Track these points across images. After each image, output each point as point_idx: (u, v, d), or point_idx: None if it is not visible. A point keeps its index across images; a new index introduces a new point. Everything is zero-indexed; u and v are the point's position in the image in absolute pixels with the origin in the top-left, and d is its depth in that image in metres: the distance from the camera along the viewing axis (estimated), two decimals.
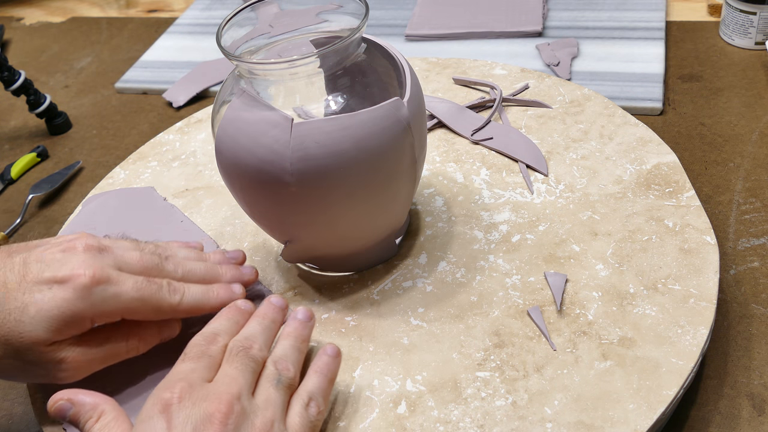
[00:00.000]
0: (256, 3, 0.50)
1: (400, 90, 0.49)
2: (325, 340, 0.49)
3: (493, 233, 0.55)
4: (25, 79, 0.78)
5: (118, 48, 0.97)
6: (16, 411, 0.54)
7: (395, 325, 0.49)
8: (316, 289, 0.53)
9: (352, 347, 0.48)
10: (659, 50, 0.77)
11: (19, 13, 1.11)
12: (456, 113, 0.65)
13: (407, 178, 0.49)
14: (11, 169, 0.76)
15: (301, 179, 0.45)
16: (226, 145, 0.46)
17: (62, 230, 0.61)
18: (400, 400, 0.45)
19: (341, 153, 0.44)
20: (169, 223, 0.60)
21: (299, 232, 0.49)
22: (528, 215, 0.56)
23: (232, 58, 0.46)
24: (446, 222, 0.56)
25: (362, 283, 0.53)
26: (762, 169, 0.62)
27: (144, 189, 0.64)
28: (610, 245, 0.52)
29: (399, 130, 0.46)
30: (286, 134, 0.44)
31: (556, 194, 0.57)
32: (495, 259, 0.53)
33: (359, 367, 0.47)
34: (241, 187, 0.47)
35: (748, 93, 0.71)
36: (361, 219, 0.48)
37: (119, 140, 0.79)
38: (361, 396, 0.46)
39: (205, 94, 0.83)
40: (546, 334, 0.47)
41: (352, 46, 0.47)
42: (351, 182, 0.45)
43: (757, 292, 0.53)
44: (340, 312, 0.51)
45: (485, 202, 0.57)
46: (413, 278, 0.52)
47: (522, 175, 0.59)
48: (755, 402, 0.46)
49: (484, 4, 0.87)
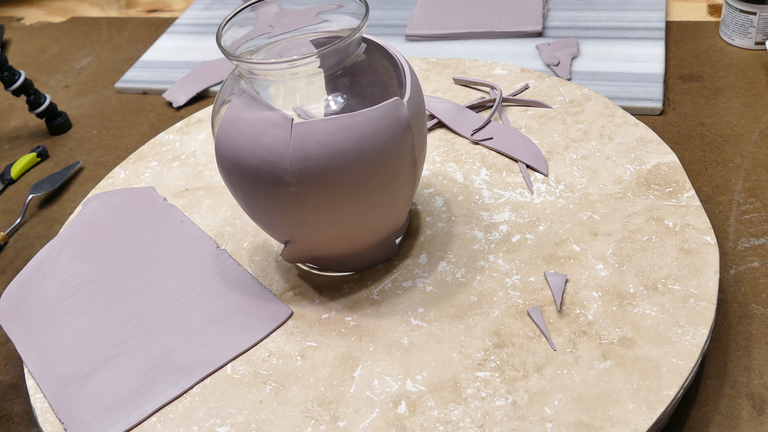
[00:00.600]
0: (256, 3, 0.50)
1: (400, 90, 0.49)
2: (326, 340, 0.49)
3: (493, 233, 0.55)
4: (25, 79, 0.79)
5: (118, 48, 0.97)
6: (16, 411, 0.54)
7: (395, 325, 0.49)
8: (316, 289, 0.53)
9: (352, 347, 0.48)
10: (659, 50, 0.77)
11: (19, 13, 1.11)
12: (456, 113, 0.65)
13: (407, 178, 0.49)
14: (11, 169, 0.76)
15: (301, 179, 0.45)
16: (226, 145, 0.46)
17: (62, 230, 0.61)
18: (400, 400, 0.45)
19: (341, 153, 0.44)
20: (169, 223, 0.60)
21: (299, 232, 0.49)
22: (528, 215, 0.56)
23: (232, 58, 0.46)
24: (446, 222, 0.56)
25: (362, 283, 0.53)
26: (762, 169, 0.63)
27: (144, 189, 0.64)
28: (610, 245, 0.52)
29: (399, 130, 0.46)
30: (286, 134, 0.44)
31: (556, 194, 0.57)
32: (495, 259, 0.53)
33: (359, 367, 0.47)
34: (241, 187, 0.47)
35: (748, 93, 0.71)
36: (361, 219, 0.48)
37: (119, 140, 0.79)
38: (361, 396, 0.45)
39: (205, 94, 0.84)
40: (546, 334, 0.47)
41: (352, 46, 0.47)
42: (351, 182, 0.45)
43: (757, 292, 0.53)
44: (340, 312, 0.51)
45: (485, 202, 0.57)
46: (413, 278, 0.52)
47: (522, 175, 0.59)
48: (755, 402, 0.46)
49: (484, 4, 0.87)
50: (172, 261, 0.56)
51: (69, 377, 0.49)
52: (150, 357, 0.50)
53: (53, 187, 0.72)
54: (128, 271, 0.56)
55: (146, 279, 0.55)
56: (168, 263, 0.56)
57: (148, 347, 0.50)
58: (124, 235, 0.59)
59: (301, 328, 0.50)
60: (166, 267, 0.56)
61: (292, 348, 0.49)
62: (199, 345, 0.50)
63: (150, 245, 0.58)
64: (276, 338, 0.50)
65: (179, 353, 0.50)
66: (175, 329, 0.51)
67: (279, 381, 0.47)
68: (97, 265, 0.57)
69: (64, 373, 0.49)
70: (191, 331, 0.51)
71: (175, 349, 0.50)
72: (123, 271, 0.56)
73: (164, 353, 0.50)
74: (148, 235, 0.59)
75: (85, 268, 0.57)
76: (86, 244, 0.59)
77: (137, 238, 0.59)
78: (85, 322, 0.53)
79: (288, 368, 0.48)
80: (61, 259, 0.58)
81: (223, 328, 0.51)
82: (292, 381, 0.47)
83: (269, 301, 0.52)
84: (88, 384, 0.48)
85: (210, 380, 0.48)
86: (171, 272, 0.55)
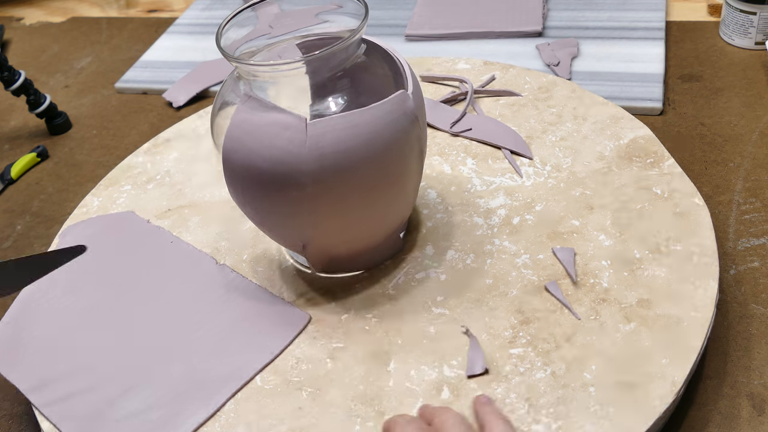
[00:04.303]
0: (256, 4, 0.49)
1: (400, 86, 0.49)
2: (352, 339, 0.49)
3: (493, 218, 0.56)
4: (25, 79, 0.78)
5: (118, 48, 0.97)
6: (16, 411, 0.52)
7: (418, 315, 0.50)
8: (327, 292, 0.53)
9: (380, 343, 0.48)
10: (659, 50, 0.77)
11: (19, 13, 1.11)
12: (431, 108, 0.66)
13: (416, 170, 0.49)
14: (11, 169, 0.75)
15: (318, 179, 0.44)
16: (235, 151, 0.45)
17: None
18: (441, 387, 0.45)
19: (356, 149, 0.44)
20: (159, 244, 0.58)
21: (314, 234, 0.48)
22: (522, 197, 0.57)
23: (232, 59, 0.46)
24: (444, 213, 0.57)
25: (373, 280, 0.53)
26: (762, 169, 0.62)
27: (123, 214, 0.62)
28: (608, 217, 0.54)
29: (407, 122, 0.46)
30: (301, 135, 0.44)
31: (545, 175, 0.59)
32: (501, 242, 0.54)
33: (392, 361, 0.47)
34: (253, 195, 0.47)
35: (748, 93, 0.71)
36: (374, 213, 0.48)
37: (119, 140, 0.79)
38: (402, 388, 0.46)
39: (205, 94, 0.84)
40: (568, 305, 0.48)
41: (352, 47, 0.47)
42: (366, 177, 0.46)
43: (757, 292, 0.52)
44: (359, 311, 0.51)
45: (478, 189, 0.59)
46: (424, 269, 0.53)
47: (508, 160, 0.61)
48: (755, 402, 0.46)
49: (484, 4, 0.87)
50: (173, 282, 0.55)
51: (91, 414, 0.46)
52: (173, 380, 0.48)
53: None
54: (128, 297, 0.54)
55: (149, 303, 0.53)
56: (169, 285, 0.54)
57: (168, 370, 0.48)
58: (113, 262, 0.57)
59: (324, 331, 0.50)
60: (167, 289, 0.54)
61: (319, 351, 0.49)
62: (223, 361, 0.49)
63: (144, 269, 0.56)
64: (300, 344, 0.49)
65: (203, 372, 0.48)
66: (193, 349, 0.50)
67: (314, 385, 0.47)
68: (91, 297, 0.55)
69: (85, 411, 0.47)
70: (211, 348, 0.49)
71: (198, 369, 0.48)
72: (122, 298, 0.54)
73: (187, 374, 0.48)
74: (139, 260, 0.57)
75: (78, 301, 0.54)
76: (74, 277, 0.56)
77: (128, 264, 0.57)
78: (93, 355, 0.50)
79: (320, 372, 0.47)
80: (49, 296, 0.55)
81: (244, 341, 0.50)
82: (327, 383, 0.47)
83: (285, 308, 0.51)
84: (112, 417, 0.46)
85: (241, 395, 0.47)
86: (174, 293, 0.54)
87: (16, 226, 0.69)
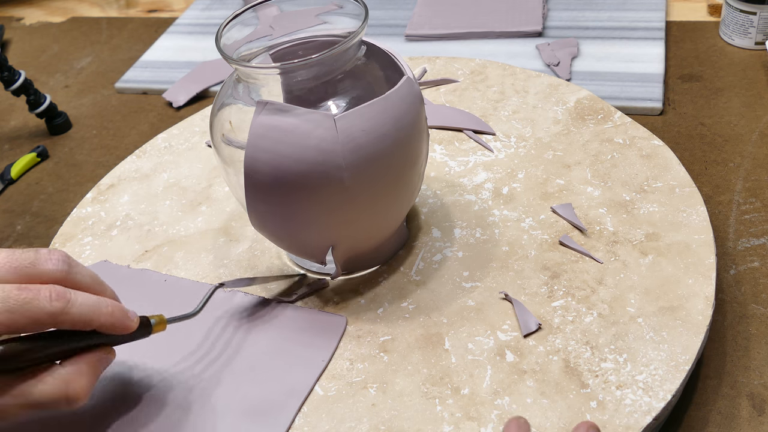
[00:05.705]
0: (256, 5, 0.48)
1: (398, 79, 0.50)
2: (397, 330, 0.49)
3: (483, 192, 0.58)
4: (25, 79, 0.78)
5: (118, 48, 0.97)
6: None
7: (452, 293, 0.51)
8: (351, 292, 0.52)
9: (426, 326, 0.49)
10: (659, 50, 0.77)
11: (19, 13, 1.11)
12: None
13: (426, 152, 0.51)
14: (11, 169, 0.75)
15: (355, 171, 0.45)
16: (261, 161, 0.44)
17: None
18: (503, 351, 0.47)
19: (384, 135, 0.45)
20: (151, 287, 0.55)
21: (346, 231, 0.48)
22: (502, 169, 0.60)
23: (232, 61, 0.45)
24: (434, 197, 0.59)
25: (393, 271, 0.53)
26: (762, 169, 0.62)
27: (97, 265, 0.57)
28: (586, 171, 0.58)
29: (419, 105, 0.48)
30: (332, 131, 0.44)
31: (513, 146, 0.62)
32: (500, 212, 0.56)
33: (446, 339, 0.48)
34: (284, 201, 0.46)
35: (748, 93, 0.71)
36: (400, 198, 0.49)
37: (119, 140, 0.79)
38: (466, 362, 0.46)
39: (205, 94, 0.83)
40: (587, 253, 0.52)
41: (352, 48, 0.47)
42: (394, 162, 0.46)
43: (757, 292, 0.53)
44: (392, 302, 0.51)
45: (457, 170, 0.61)
46: (439, 251, 0.54)
47: (473, 139, 0.63)
48: (755, 402, 0.46)
49: (484, 4, 0.88)
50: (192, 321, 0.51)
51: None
52: (229, 411, 0.45)
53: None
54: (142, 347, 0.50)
55: (169, 346, 0.50)
56: (188, 324, 0.51)
57: (220, 403, 0.46)
58: None
59: (366, 329, 0.49)
60: (181, 327, 0.51)
61: (369, 348, 0.48)
62: (276, 384, 0.47)
63: (147, 314, 0.52)
64: (347, 346, 0.49)
65: (256, 396, 0.46)
66: (236, 376, 0.47)
67: (378, 380, 0.46)
68: (118, 359, 0.50)
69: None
70: (256, 372, 0.47)
71: (250, 395, 0.46)
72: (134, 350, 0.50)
73: (240, 401, 0.46)
74: (136, 306, 0.53)
75: (110, 368, 0.50)
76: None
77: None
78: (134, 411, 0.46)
79: (378, 367, 0.47)
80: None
81: (289, 357, 0.48)
82: (391, 375, 0.46)
83: (318, 316, 0.50)
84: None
85: (307, 407, 0.45)
86: (190, 330, 0.51)
87: (16, 226, 0.69)
